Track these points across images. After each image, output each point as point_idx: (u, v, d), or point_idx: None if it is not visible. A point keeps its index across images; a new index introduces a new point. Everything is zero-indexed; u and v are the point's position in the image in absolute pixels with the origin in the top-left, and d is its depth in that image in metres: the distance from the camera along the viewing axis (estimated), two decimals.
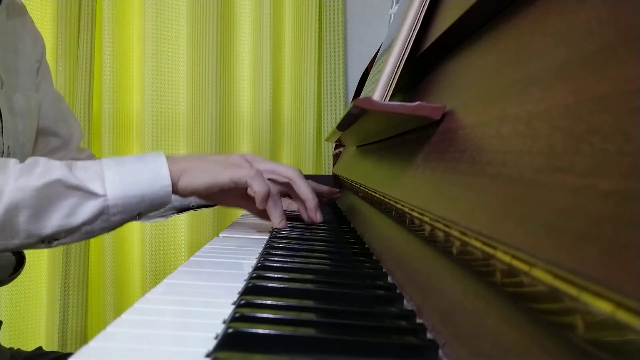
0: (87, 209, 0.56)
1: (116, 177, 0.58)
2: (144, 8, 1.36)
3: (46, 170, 0.55)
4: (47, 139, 0.88)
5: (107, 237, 1.36)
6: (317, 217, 0.69)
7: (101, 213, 0.57)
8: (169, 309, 0.36)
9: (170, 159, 0.61)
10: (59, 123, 0.90)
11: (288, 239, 0.62)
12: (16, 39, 0.81)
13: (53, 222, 0.56)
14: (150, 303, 0.37)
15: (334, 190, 0.90)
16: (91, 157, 0.96)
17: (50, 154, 0.88)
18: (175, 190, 0.61)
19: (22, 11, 0.83)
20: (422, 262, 0.38)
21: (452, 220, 0.30)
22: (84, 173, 0.57)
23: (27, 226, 0.55)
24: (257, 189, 0.62)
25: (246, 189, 0.64)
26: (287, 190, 0.70)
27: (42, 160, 0.57)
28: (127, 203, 0.58)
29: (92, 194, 0.56)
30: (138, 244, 1.40)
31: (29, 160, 0.57)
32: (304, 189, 0.69)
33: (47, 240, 0.57)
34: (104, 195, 0.57)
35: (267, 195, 0.63)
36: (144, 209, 0.60)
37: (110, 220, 0.58)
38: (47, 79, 0.90)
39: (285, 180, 0.68)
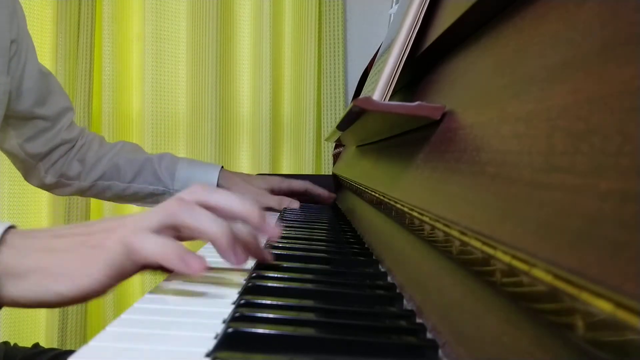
0: None
1: None
2: (143, 8, 1.36)
3: None
4: (34, 122, 0.86)
5: None
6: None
7: None
8: (168, 309, 0.36)
9: (15, 241, 0.37)
10: (43, 105, 0.86)
11: (288, 239, 0.62)
12: None
13: None
14: (150, 303, 0.37)
15: (331, 195, 0.89)
16: (82, 132, 0.95)
17: (40, 134, 0.88)
18: None
19: None
20: (422, 262, 0.38)
21: (452, 220, 0.30)
22: None
23: None
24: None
25: None
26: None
27: None
28: None
29: None
30: None
31: None
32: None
33: None
34: None
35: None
36: None
37: None
38: (30, 55, 0.83)
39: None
